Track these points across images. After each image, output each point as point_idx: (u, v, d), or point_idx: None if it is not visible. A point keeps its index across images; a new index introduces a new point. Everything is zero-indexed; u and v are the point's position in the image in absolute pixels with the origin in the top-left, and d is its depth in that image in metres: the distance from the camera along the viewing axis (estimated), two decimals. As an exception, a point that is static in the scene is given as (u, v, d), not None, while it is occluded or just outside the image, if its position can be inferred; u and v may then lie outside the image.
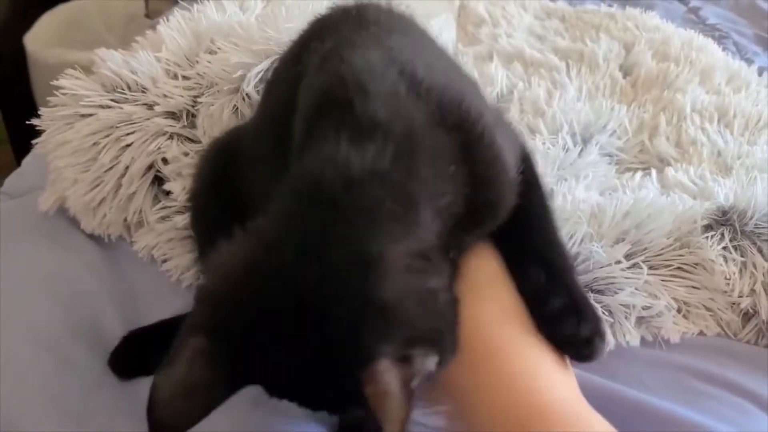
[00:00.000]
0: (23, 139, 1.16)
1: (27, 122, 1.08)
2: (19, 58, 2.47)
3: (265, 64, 1.04)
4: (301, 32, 0.91)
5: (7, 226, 1.09)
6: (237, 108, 1.04)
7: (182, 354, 0.56)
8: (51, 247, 1.05)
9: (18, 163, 1.27)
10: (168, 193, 1.03)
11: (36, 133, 1.09)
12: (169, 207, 1.03)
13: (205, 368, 0.56)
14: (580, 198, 1.03)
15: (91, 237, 1.08)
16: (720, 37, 1.63)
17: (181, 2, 1.33)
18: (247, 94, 1.04)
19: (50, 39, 2.55)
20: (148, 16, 1.91)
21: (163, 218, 1.03)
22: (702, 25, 1.70)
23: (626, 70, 1.41)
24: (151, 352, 0.92)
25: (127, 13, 2.56)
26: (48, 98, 1.08)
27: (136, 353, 0.93)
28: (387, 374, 0.53)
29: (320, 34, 0.81)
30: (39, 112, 1.07)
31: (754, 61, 1.55)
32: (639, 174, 1.14)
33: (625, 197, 1.02)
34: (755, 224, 0.96)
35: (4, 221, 1.10)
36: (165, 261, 1.04)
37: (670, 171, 1.12)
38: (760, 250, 0.95)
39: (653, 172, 1.13)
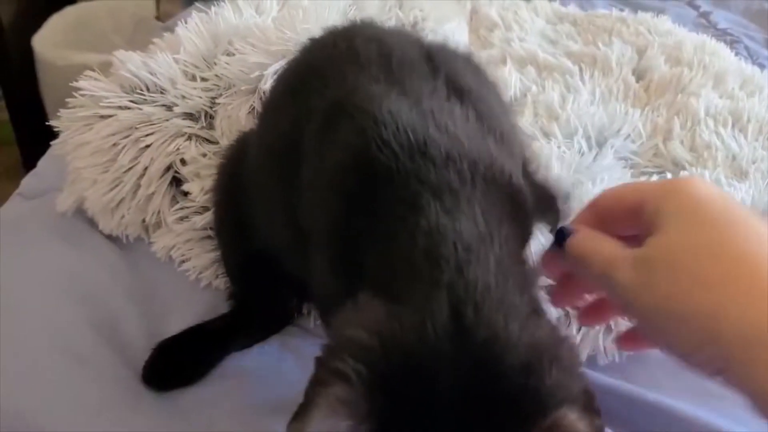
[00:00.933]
0: (31, 141, 1.16)
1: (46, 123, 1.09)
2: (27, 60, 2.48)
3: (281, 63, 1.04)
4: (298, 57, 0.89)
5: (24, 228, 1.09)
6: (254, 108, 1.04)
7: (320, 401, 0.51)
8: (69, 248, 1.06)
9: (25, 164, 1.27)
10: (186, 193, 1.04)
11: (44, 134, 1.10)
12: (188, 207, 1.03)
13: (348, 418, 0.51)
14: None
15: (109, 238, 1.08)
16: (731, 41, 1.63)
17: (197, 4, 1.33)
18: (264, 93, 1.05)
19: (58, 41, 2.56)
20: (158, 18, 1.91)
21: (182, 219, 1.03)
22: (713, 30, 1.70)
23: (639, 74, 1.41)
24: (183, 362, 0.93)
25: (135, 14, 2.57)
26: (57, 99, 1.09)
27: (168, 364, 0.93)
28: (579, 422, 0.50)
29: (320, 72, 0.79)
30: (58, 114, 1.07)
31: (766, 65, 1.55)
32: (654, 178, 1.14)
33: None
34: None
35: (21, 222, 1.11)
36: (183, 261, 1.04)
37: (685, 175, 1.12)
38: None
39: (668, 176, 1.13)
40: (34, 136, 1.10)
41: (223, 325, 0.98)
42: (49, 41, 2.54)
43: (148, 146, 1.02)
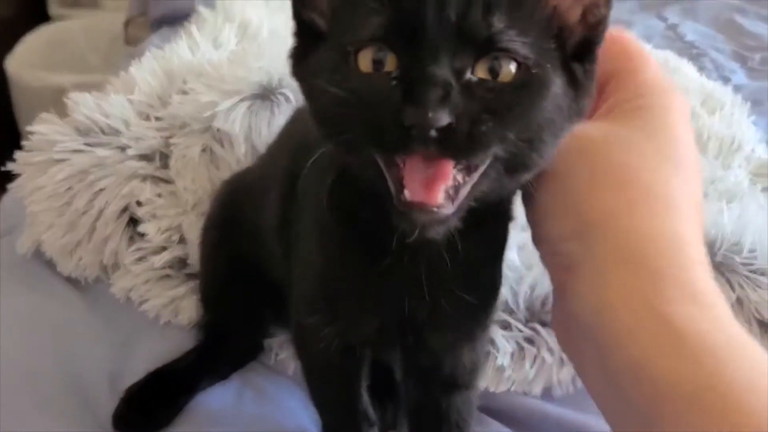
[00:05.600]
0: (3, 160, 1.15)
1: (4, 164, 1.08)
2: (0, 81, 2.48)
3: (233, 101, 1.05)
4: None
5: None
6: (209, 148, 1.05)
7: None
8: (29, 290, 1.06)
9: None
10: (143, 234, 1.04)
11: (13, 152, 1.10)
12: (144, 248, 1.03)
13: None
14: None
15: (69, 279, 1.08)
16: (698, 54, 1.64)
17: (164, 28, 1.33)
18: (217, 130, 1.05)
19: (33, 60, 2.55)
20: (127, 42, 1.91)
21: (139, 259, 1.03)
22: (680, 43, 1.71)
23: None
24: (152, 409, 0.93)
25: (110, 32, 2.56)
26: (31, 120, 1.08)
27: (137, 412, 0.92)
28: None
29: None
30: (14, 156, 1.07)
31: (731, 78, 1.56)
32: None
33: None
34: (723, 255, 0.96)
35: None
36: (142, 302, 1.04)
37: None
38: (728, 281, 0.95)
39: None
40: (8, 158, 1.09)
41: (188, 364, 0.98)
42: (24, 61, 2.53)
43: (102, 189, 1.02)
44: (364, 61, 0.51)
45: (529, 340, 0.94)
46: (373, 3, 0.51)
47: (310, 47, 0.56)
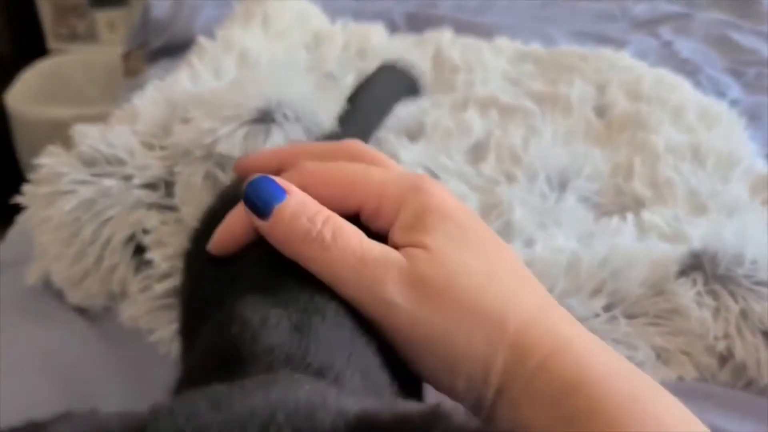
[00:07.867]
0: (3, 197, 1.15)
1: (10, 200, 1.10)
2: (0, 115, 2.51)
3: (233, 126, 1.06)
4: None
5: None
6: (212, 174, 1.06)
7: None
8: (40, 322, 1.07)
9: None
10: (149, 262, 1.05)
11: (14, 185, 1.11)
12: (150, 276, 1.04)
13: None
14: (559, 247, 1.04)
15: (79, 308, 1.09)
16: (692, 71, 1.65)
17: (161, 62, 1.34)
18: (219, 154, 1.06)
19: (32, 95, 2.59)
20: (126, 75, 1.94)
21: (144, 288, 1.04)
22: (675, 60, 1.72)
23: (600, 111, 1.42)
24: None
25: (108, 65, 2.60)
26: (32, 154, 1.09)
27: None
28: None
29: None
30: (22, 189, 1.08)
31: (726, 93, 1.58)
32: (616, 218, 1.14)
33: (600, 245, 1.03)
34: (726, 267, 0.97)
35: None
36: (150, 332, 1.04)
37: (645, 214, 1.13)
38: (732, 293, 0.96)
39: (629, 216, 1.14)
40: (7, 193, 1.11)
41: None
42: (23, 96, 2.57)
43: (109, 218, 1.03)
44: None
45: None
46: None
47: None
